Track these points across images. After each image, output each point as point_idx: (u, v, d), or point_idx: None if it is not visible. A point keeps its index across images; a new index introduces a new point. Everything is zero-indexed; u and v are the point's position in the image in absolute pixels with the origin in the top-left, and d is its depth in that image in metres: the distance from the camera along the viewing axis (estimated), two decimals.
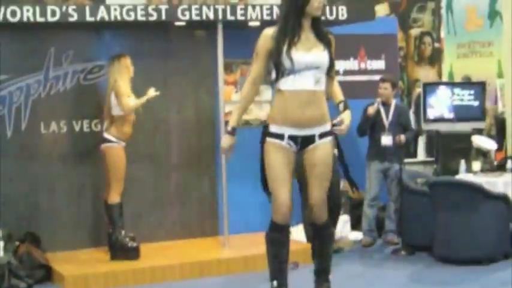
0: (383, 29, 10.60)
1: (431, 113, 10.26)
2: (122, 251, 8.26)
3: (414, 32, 15.75)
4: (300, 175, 6.60)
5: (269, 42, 4.84)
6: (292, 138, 4.88)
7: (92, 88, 8.74)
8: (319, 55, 4.87)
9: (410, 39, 15.63)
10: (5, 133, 8.60)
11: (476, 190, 8.25)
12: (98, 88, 8.76)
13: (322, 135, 4.93)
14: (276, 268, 4.98)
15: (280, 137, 4.86)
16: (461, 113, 10.21)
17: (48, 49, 8.73)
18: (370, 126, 9.15)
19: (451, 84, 11.93)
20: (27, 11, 7.91)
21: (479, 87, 10.35)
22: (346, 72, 9.80)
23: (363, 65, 10.14)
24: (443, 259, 8.35)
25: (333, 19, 8.73)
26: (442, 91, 10.46)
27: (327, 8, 8.67)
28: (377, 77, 9.75)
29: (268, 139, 4.91)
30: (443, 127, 10.22)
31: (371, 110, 9.05)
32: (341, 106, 5.15)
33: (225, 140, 5.15)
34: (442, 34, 15.61)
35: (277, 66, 4.83)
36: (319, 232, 5.22)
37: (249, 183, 8.50)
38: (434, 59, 15.86)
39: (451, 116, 10.22)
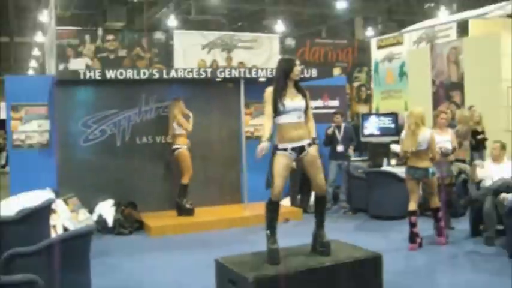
0: (337, 82, 10.81)
1: (366, 131, 10.59)
2: (183, 211, 8.48)
3: (355, 84, 16.12)
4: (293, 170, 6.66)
5: (270, 95, 4.80)
6: (292, 149, 4.79)
7: (166, 117, 8.76)
8: (299, 102, 4.83)
9: (353, 88, 15.96)
10: (116, 143, 8.80)
11: (392, 176, 8.52)
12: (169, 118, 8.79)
13: (309, 145, 4.84)
14: (270, 224, 4.88)
15: (285, 149, 4.78)
16: (384, 131, 10.51)
17: (141, 94, 8.91)
18: (330, 140, 9.33)
19: (377, 114, 12.09)
20: (129, 72, 8.21)
21: (394, 116, 10.63)
22: (316, 108, 9.89)
23: (326, 103, 10.39)
24: (374, 216, 8.62)
25: (309, 76, 8.91)
26: (372, 118, 10.78)
27: (305, 70, 8.88)
28: (333, 111, 10.08)
29: (278, 152, 4.78)
30: (373, 139, 10.49)
31: (329, 131, 9.29)
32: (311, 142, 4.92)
33: (263, 145, 4.70)
34: (372, 85, 15.94)
35: (275, 109, 4.78)
36: (322, 200, 5.12)
37: (259, 174, 8.92)
38: (367, 100, 16.15)
39: (377, 133, 10.54)
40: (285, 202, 9.28)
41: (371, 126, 10.52)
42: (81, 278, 5.02)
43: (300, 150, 4.85)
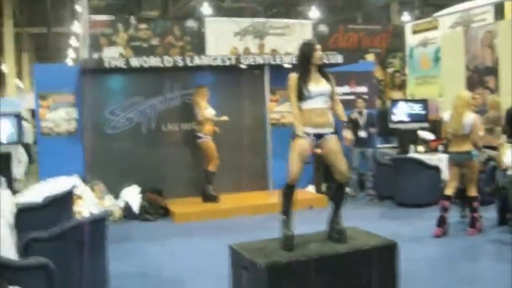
0: (365, 68, 10.70)
1: (394, 118, 10.19)
2: (208, 198, 8.48)
3: (389, 70, 15.88)
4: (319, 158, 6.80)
5: (294, 81, 4.68)
6: (315, 135, 4.63)
7: (191, 105, 8.73)
8: (323, 86, 4.69)
9: (387, 74, 15.75)
10: (142, 131, 8.85)
11: (420, 163, 8.35)
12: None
13: (332, 133, 4.68)
14: (286, 209, 4.77)
15: (307, 134, 4.61)
16: (413, 118, 10.09)
17: (165, 82, 8.93)
18: (352, 126, 9.21)
19: (407, 100, 11.75)
20: (153, 60, 8.29)
21: (424, 103, 10.34)
22: (343, 94, 9.65)
23: (353, 90, 10.17)
24: (400, 204, 8.45)
25: (334, 63, 8.84)
26: (402, 104, 10.47)
27: (331, 57, 8.89)
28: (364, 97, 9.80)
29: (301, 136, 4.59)
30: (402, 126, 10.09)
31: (353, 116, 9.07)
32: (343, 125, 4.79)
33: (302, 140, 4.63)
34: (406, 71, 15.69)
35: (300, 95, 4.66)
36: (342, 187, 4.93)
37: (285, 161, 8.92)
38: (402, 86, 15.88)
39: (407, 119, 10.22)
40: (311, 189, 9.24)
41: (400, 113, 10.21)
42: (98, 262, 5.11)
43: (321, 136, 4.71)
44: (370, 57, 15.13)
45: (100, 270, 5.14)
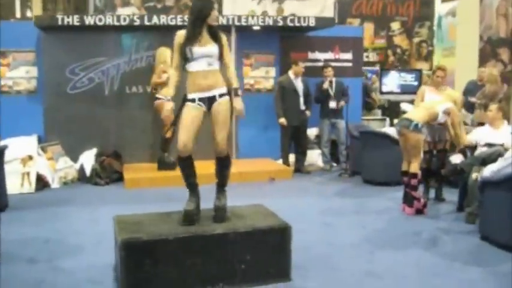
0: (352, 33, 9.87)
1: (384, 88, 9.58)
2: (164, 165, 7.99)
3: (416, 39, 14.93)
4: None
5: (179, 41, 4.27)
6: (200, 99, 4.26)
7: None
8: (210, 47, 4.23)
9: (413, 44, 14.80)
10: (104, 92, 8.52)
11: (388, 137, 7.62)
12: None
13: (221, 95, 4.28)
14: (186, 181, 4.52)
15: (193, 100, 4.26)
16: (404, 89, 9.50)
17: (132, 42, 8.56)
18: (323, 96, 8.57)
19: (399, 70, 10.95)
20: (108, 18, 7.96)
21: (417, 73, 9.59)
22: (325, 61, 9.17)
23: (337, 56, 9.42)
24: (366, 181, 7.87)
25: (306, 26, 8.36)
26: (393, 74, 9.78)
27: (302, 19, 8.40)
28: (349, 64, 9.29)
29: (186, 103, 4.28)
30: (392, 97, 9.51)
31: (324, 85, 8.48)
32: (235, 93, 4.34)
33: (167, 106, 4.46)
34: (434, 41, 14.85)
35: (184, 56, 4.25)
36: (221, 161, 4.63)
37: (251, 130, 8.43)
38: (428, 57, 14.99)
39: (398, 90, 9.54)
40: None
41: (391, 83, 9.49)
42: None
43: (210, 100, 4.31)
44: (396, 25, 14.28)
45: None
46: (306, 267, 4.48)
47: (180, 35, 4.31)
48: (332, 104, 8.49)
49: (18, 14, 19.87)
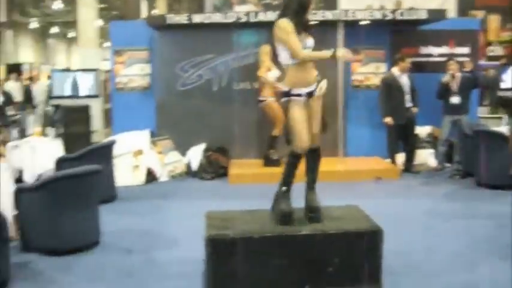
0: (469, 26, 9.29)
1: (503, 84, 8.85)
2: (270, 162, 7.98)
3: None
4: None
5: (292, 27, 4.03)
6: (306, 94, 4.06)
7: None
8: (311, 40, 4.11)
9: None
10: (212, 88, 8.65)
11: (501, 137, 7.03)
12: None
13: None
14: (287, 179, 4.24)
15: (299, 95, 4.08)
16: None
17: (239, 39, 8.56)
18: (444, 91, 8.00)
19: None
20: (216, 16, 8.14)
21: None
22: (440, 55, 8.74)
23: (452, 50, 8.81)
24: (480, 184, 7.25)
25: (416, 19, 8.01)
26: None
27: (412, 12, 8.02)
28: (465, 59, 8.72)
29: (292, 98, 4.10)
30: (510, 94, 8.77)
31: (445, 79, 7.95)
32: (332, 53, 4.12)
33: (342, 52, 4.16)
34: None
35: None
36: (313, 154, 4.38)
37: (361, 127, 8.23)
38: None
39: None
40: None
41: (511, 79, 8.71)
42: (86, 215, 5.09)
43: (310, 94, 4.15)
44: (479, 15, 13.27)
45: (89, 224, 5.13)
46: (399, 273, 4.27)
47: (288, 23, 4.07)
48: (454, 100, 7.96)
49: (144, 14, 20.99)
